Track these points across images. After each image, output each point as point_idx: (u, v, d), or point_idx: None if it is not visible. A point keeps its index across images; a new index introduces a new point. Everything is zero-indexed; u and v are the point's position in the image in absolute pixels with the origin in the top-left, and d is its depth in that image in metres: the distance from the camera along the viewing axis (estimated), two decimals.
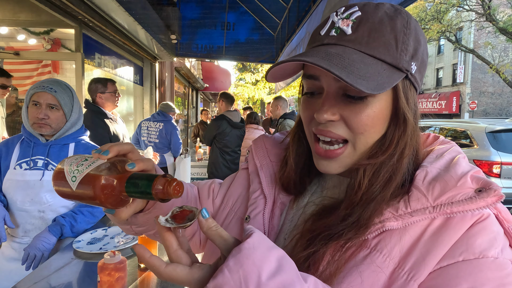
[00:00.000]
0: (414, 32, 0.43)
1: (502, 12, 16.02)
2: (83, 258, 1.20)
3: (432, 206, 0.40)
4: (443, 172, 0.42)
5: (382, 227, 0.40)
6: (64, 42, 4.18)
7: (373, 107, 0.42)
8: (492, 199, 0.38)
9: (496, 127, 4.79)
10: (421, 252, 0.39)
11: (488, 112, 22.27)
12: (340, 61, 0.39)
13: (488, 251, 0.37)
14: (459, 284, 0.36)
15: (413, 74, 0.43)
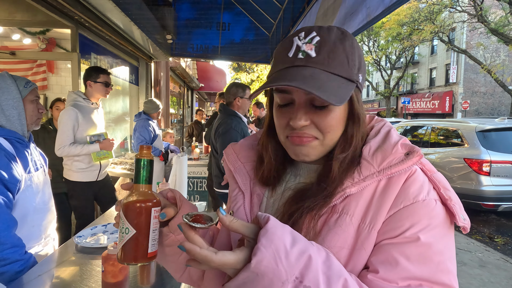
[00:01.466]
0: (357, 50, 0.55)
1: (493, 13, 16.27)
2: (85, 253, 1.24)
3: (378, 171, 0.52)
4: (382, 144, 0.55)
5: (344, 194, 0.52)
6: (59, 41, 4.19)
7: (335, 112, 0.54)
8: (416, 158, 0.52)
9: (486, 126, 4.89)
10: (375, 207, 0.51)
11: (480, 111, 22.58)
12: (315, 83, 0.49)
13: (418, 196, 0.51)
14: (403, 224, 0.49)
15: (360, 83, 0.55)
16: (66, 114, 2.39)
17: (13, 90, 1.28)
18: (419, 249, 0.48)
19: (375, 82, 30.96)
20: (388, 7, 1.61)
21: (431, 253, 0.48)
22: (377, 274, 0.48)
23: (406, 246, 0.48)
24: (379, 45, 24.18)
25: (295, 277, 0.41)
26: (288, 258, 0.41)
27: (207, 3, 4.91)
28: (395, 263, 0.47)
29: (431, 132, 5.86)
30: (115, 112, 4.70)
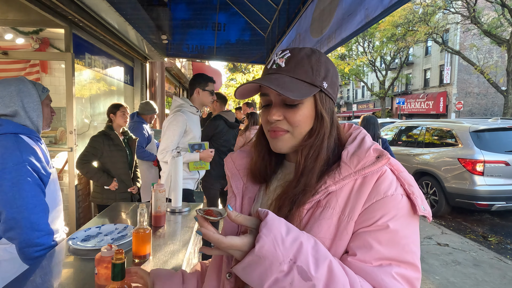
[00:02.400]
0: (324, 64, 0.69)
1: (486, 15, 16.46)
2: (78, 255, 1.22)
3: (354, 171, 0.62)
4: (357, 149, 0.66)
5: (327, 191, 0.63)
6: (53, 41, 4.14)
7: (303, 110, 0.67)
8: (385, 161, 0.62)
9: (479, 126, 4.95)
10: (353, 202, 0.61)
11: (474, 112, 22.82)
12: (277, 82, 0.64)
13: (388, 191, 0.61)
14: (376, 215, 0.59)
15: (326, 89, 0.68)
16: (176, 119, 2.37)
17: (34, 94, 1.43)
18: (388, 235, 0.58)
19: (370, 83, 31.12)
20: (387, 8, 1.61)
21: (398, 238, 0.58)
22: (355, 256, 0.58)
23: (378, 232, 0.58)
24: (374, 46, 24.32)
25: (289, 259, 0.51)
26: (284, 244, 0.52)
27: (202, 3, 4.89)
28: (370, 247, 0.57)
29: (426, 133, 5.91)
30: None
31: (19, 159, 1.24)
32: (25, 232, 1.19)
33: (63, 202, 3.19)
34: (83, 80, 3.88)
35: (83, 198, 3.50)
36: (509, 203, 4.51)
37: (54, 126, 4.14)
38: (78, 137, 3.62)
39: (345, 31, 2.20)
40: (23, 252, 1.21)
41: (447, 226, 4.69)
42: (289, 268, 0.51)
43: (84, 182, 3.56)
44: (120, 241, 1.31)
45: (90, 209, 3.61)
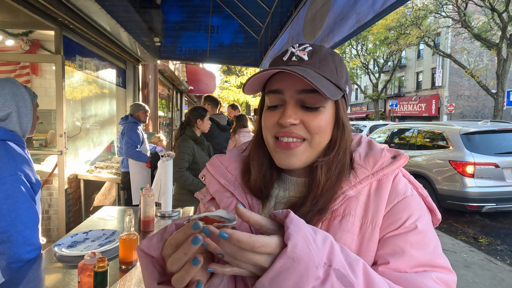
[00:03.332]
0: (345, 67, 0.61)
1: (476, 19, 16.74)
2: (64, 261, 1.20)
3: (372, 173, 0.57)
4: (369, 150, 0.60)
5: (345, 197, 0.55)
6: (44, 43, 4.10)
7: (324, 114, 0.57)
8: (403, 160, 0.58)
9: (469, 129, 5.01)
10: (373, 207, 0.55)
11: (465, 114, 23.14)
12: (306, 73, 0.52)
13: (407, 192, 0.57)
14: (402, 217, 0.54)
15: (347, 94, 0.61)
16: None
17: (27, 98, 1.35)
18: (418, 236, 0.53)
19: (363, 85, 31.38)
20: (379, 13, 1.62)
21: (427, 239, 0.54)
22: (387, 265, 0.51)
23: (408, 234, 0.53)
24: (367, 49, 24.55)
25: (324, 262, 0.42)
26: (316, 242, 0.43)
27: (195, 6, 4.88)
28: (402, 252, 0.52)
29: (418, 135, 5.96)
30: (101, 115, 4.62)
31: (14, 169, 1.17)
32: (16, 246, 1.13)
33: (53, 206, 3.16)
34: (74, 83, 3.84)
35: (74, 202, 3.46)
36: (499, 204, 4.56)
37: (45, 129, 4.08)
38: (69, 140, 3.58)
39: (337, 35, 2.21)
40: (9, 267, 1.14)
41: (439, 228, 4.73)
42: (325, 273, 0.42)
43: (75, 185, 3.51)
44: (107, 246, 1.29)
45: (80, 213, 3.57)
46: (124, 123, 3.71)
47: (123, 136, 3.62)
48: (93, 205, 3.97)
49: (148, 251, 0.46)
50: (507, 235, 4.48)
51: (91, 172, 3.68)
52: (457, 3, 14.13)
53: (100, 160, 4.31)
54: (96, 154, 4.35)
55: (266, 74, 0.56)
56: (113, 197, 4.39)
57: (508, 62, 13.26)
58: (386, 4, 1.41)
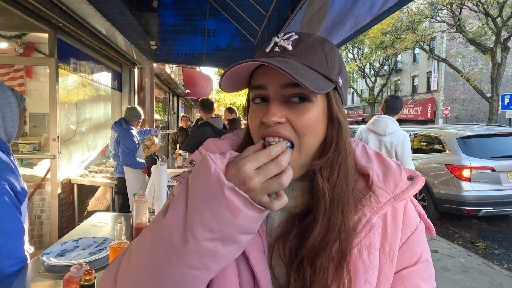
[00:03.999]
0: (338, 56, 0.53)
1: (471, 23, 16.92)
2: (52, 271, 1.16)
3: (392, 197, 0.51)
4: (386, 170, 0.54)
5: (372, 227, 0.50)
6: (38, 46, 4.05)
7: (312, 110, 0.50)
8: (421, 183, 0.53)
9: (466, 133, 5.02)
10: (391, 237, 0.51)
11: (460, 118, 23.32)
12: (287, 65, 0.46)
13: (417, 220, 0.55)
14: (417, 251, 0.52)
15: (340, 87, 0.53)
16: None
17: (14, 102, 1.28)
18: (428, 268, 0.53)
19: (359, 89, 31.54)
20: (376, 16, 1.61)
21: (431, 268, 0.54)
22: None
23: (421, 270, 0.52)
24: (363, 53, 24.72)
25: None
26: None
27: (192, 9, 4.87)
28: (417, 287, 0.50)
29: (414, 139, 5.97)
30: (96, 118, 4.57)
31: None
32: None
33: (45, 211, 3.10)
34: (68, 86, 3.80)
35: (67, 207, 3.40)
36: (496, 208, 4.56)
37: (38, 133, 4.03)
38: (63, 143, 3.53)
39: (335, 38, 2.20)
40: None
41: (436, 232, 4.70)
42: None
43: (68, 190, 3.46)
44: (98, 255, 1.25)
45: (73, 218, 3.50)
46: (118, 130, 3.63)
47: (118, 144, 3.54)
48: (87, 210, 3.91)
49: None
50: (504, 239, 4.48)
51: (85, 176, 3.63)
52: (452, 8, 14.28)
53: (95, 164, 4.26)
54: (90, 158, 4.30)
55: (243, 70, 0.49)
56: (108, 202, 4.34)
57: (502, 67, 13.40)
58: (384, 8, 1.40)
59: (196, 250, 0.40)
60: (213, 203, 0.40)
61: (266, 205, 0.42)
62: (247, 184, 0.41)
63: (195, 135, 3.42)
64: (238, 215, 0.40)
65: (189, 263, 0.41)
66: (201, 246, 0.40)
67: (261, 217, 0.43)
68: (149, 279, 0.42)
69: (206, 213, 0.40)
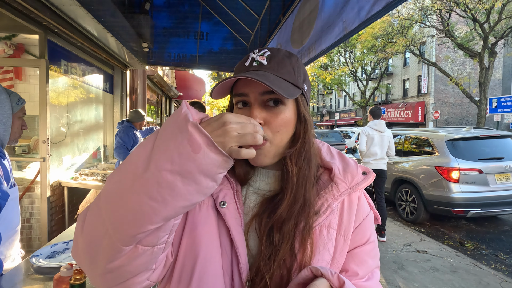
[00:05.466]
0: (302, 67, 0.66)
1: (459, 29, 17.30)
2: (42, 273, 1.15)
3: (349, 187, 0.64)
4: (346, 165, 0.67)
5: (332, 210, 0.62)
6: (28, 47, 4.01)
7: (285, 112, 0.62)
8: (372, 177, 0.66)
9: (454, 135, 5.12)
10: (346, 220, 0.64)
11: (450, 121, 23.72)
12: (265, 78, 0.57)
13: (367, 209, 0.68)
14: (366, 234, 0.66)
15: (306, 92, 0.65)
16: None
17: (6, 106, 1.28)
18: (375, 249, 0.66)
19: (351, 93, 31.86)
20: (364, 21, 1.65)
21: (377, 249, 0.67)
22: (358, 276, 0.62)
23: (370, 249, 0.65)
24: (355, 57, 25.00)
25: None
26: None
27: (185, 12, 4.88)
28: (365, 262, 0.63)
29: (405, 141, 6.06)
30: (87, 120, 4.53)
31: None
32: None
33: (35, 214, 3.06)
34: (59, 88, 3.76)
35: (57, 210, 3.36)
36: (484, 209, 4.65)
37: (28, 135, 3.97)
38: (53, 146, 3.49)
39: (324, 43, 2.24)
40: None
41: (426, 233, 4.79)
42: None
43: (58, 193, 3.42)
44: None
45: (64, 221, 3.46)
46: (119, 126, 3.86)
47: (116, 138, 3.77)
48: (78, 213, 3.87)
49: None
50: (491, 239, 4.57)
51: (76, 179, 3.59)
52: (441, 14, 14.57)
53: (86, 167, 4.22)
54: (81, 161, 4.25)
55: (229, 82, 0.60)
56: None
57: (490, 71, 13.70)
58: (371, 13, 1.43)
59: (156, 180, 0.44)
60: (177, 136, 0.45)
61: (234, 152, 0.47)
62: (225, 126, 0.47)
63: None
64: (198, 151, 0.44)
65: (149, 192, 0.44)
66: (161, 176, 0.44)
67: (223, 163, 0.47)
68: (110, 206, 0.46)
69: (170, 145, 0.45)
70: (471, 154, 4.93)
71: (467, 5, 13.15)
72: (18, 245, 1.38)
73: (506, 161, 4.81)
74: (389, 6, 1.25)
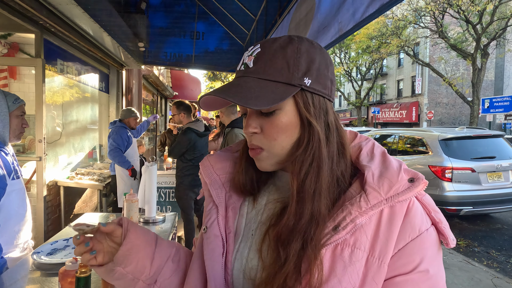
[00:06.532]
0: (306, 54, 0.54)
1: (452, 30, 17.50)
2: (43, 269, 1.16)
3: (385, 198, 0.49)
4: (384, 170, 0.52)
5: (355, 226, 0.49)
6: (23, 47, 3.98)
7: (281, 118, 0.53)
8: (422, 186, 0.50)
9: (447, 135, 5.20)
10: (383, 240, 0.49)
11: (444, 121, 23.99)
12: (237, 89, 0.52)
13: (422, 226, 0.50)
14: (415, 259, 0.49)
15: (310, 86, 0.53)
16: None
17: (2, 105, 1.37)
18: (429, 281, 0.48)
19: (346, 93, 32.07)
20: (359, 22, 1.68)
21: (436, 282, 0.49)
22: None
23: (419, 280, 0.48)
24: (350, 57, 25.17)
25: None
26: None
27: (181, 12, 4.89)
28: None
29: (399, 141, 6.14)
30: (83, 120, 4.52)
31: None
32: None
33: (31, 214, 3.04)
34: (55, 87, 3.75)
35: (53, 210, 3.35)
36: (476, 208, 4.73)
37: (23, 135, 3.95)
38: (49, 145, 3.48)
39: (321, 43, 2.26)
40: None
41: None
42: None
43: (54, 193, 3.41)
44: None
45: (60, 221, 3.45)
46: (111, 127, 3.78)
47: (108, 139, 3.69)
48: (74, 213, 3.86)
49: None
50: (483, 237, 4.65)
51: (72, 178, 3.58)
52: (435, 15, 14.74)
53: (82, 167, 4.21)
54: (77, 160, 4.24)
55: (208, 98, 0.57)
56: (95, 204, 4.29)
57: (482, 72, 13.90)
58: (365, 14, 1.47)
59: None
60: None
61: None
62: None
63: (181, 144, 3.37)
64: None
65: None
66: None
67: (106, 273, 0.58)
68: None
69: None
70: (464, 154, 5.01)
71: (460, 7, 13.32)
72: (27, 235, 1.47)
73: (497, 160, 4.90)
74: (383, 8, 1.28)
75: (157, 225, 1.77)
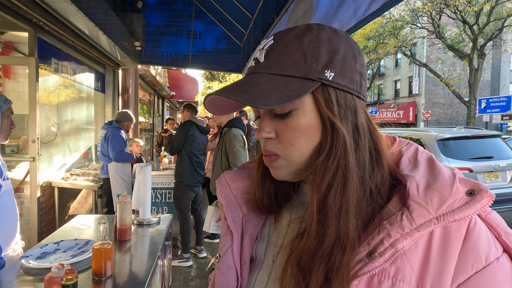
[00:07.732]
0: (327, 43, 0.44)
1: (449, 30, 17.57)
2: (31, 274, 1.12)
3: (435, 217, 0.38)
4: (432, 179, 0.41)
5: (396, 252, 0.38)
6: (17, 45, 3.93)
7: (298, 119, 0.44)
8: (486, 200, 0.38)
9: (445, 135, 5.19)
10: (435, 270, 0.38)
11: (441, 121, 24.09)
12: (243, 87, 0.44)
13: (490, 254, 0.38)
14: None
15: (332, 80, 0.44)
16: None
17: None
18: None
19: None
20: (361, 20, 1.65)
21: None
22: None
23: None
24: None
25: None
26: None
27: (178, 11, 4.85)
28: None
29: None
30: (78, 120, 4.47)
31: None
32: None
33: (24, 215, 3.00)
34: (49, 86, 3.70)
35: (47, 211, 3.30)
36: None
37: (17, 135, 3.89)
38: (43, 146, 3.43)
39: None
40: None
41: None
42: None
43: (48, 194, 3.36)
44: (80, 257, 1.22)
45: (54, 222, 3.40)
46: (107, 128, 3.73)
47: (106, 141, 3.63)
48: (68, 214, 3.81)
49: None
50: None
51: (67, 179, 3.53)
52: (432, 15, 14.79)
53: (77, 167, 4.15)
54: (72, 161, 4.19)
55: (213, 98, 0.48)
56: (90, 205, 4.24)
57: (479, 72, 13.95)
58: (368, 12, 1.44)
59: None
60: None
61: None
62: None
63: (179, 132, 3.39)
64: None
65: None
66: None
67: None
68: None
69: None
70: (461, 154, 5.01)
71: (457, 7, 13.38)
72: (18, 236, 1.45)
73: (495, 160, 4.90)
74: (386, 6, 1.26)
75: (151, 227, 1.73)
